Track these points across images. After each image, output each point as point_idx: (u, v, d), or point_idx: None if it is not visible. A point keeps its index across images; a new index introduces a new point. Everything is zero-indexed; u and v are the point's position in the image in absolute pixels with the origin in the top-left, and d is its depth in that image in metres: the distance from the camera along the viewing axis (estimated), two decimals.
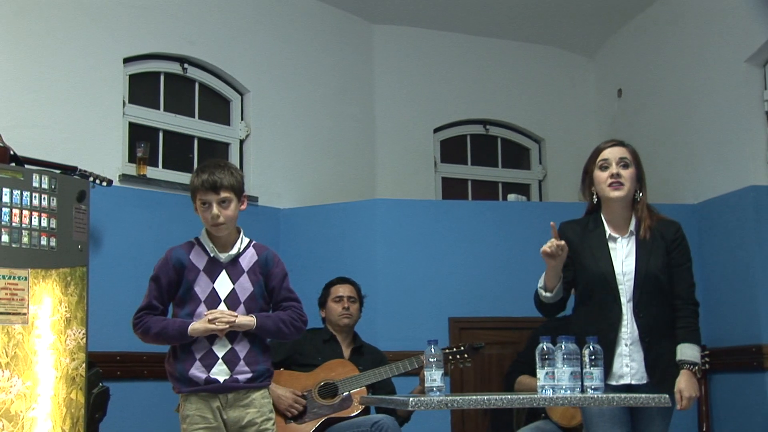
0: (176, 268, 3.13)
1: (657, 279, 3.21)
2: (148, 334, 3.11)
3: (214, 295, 3.11)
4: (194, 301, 3.10)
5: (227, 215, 3.09)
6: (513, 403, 2.96)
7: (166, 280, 3.13)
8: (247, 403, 3.10)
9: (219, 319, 3.03)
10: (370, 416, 4.03)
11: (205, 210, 3.10)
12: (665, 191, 5.46)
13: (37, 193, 3.73)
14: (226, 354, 3.08)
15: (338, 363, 4.16)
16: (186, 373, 3.06)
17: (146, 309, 3.12)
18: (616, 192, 3.24)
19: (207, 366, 3.06)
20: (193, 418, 3.06)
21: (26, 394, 3.58)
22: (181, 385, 3.09)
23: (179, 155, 5.21)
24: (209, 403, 3.07)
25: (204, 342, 3.07)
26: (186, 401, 3.09)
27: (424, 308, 5.01)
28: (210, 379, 3.05)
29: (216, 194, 3.08)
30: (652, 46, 5.84)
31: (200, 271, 3.13)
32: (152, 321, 3.09)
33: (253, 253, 3.20)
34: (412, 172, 6.11)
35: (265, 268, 3.18)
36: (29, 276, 3.65)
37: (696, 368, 3.18)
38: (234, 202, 3.12)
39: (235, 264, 3.16)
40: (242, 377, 3.09)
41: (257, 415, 3.10)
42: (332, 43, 5.92)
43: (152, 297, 3.13)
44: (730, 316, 4.91)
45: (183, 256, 3.15)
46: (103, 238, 4.51)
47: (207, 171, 3.10)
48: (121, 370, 4.43)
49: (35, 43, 4.48)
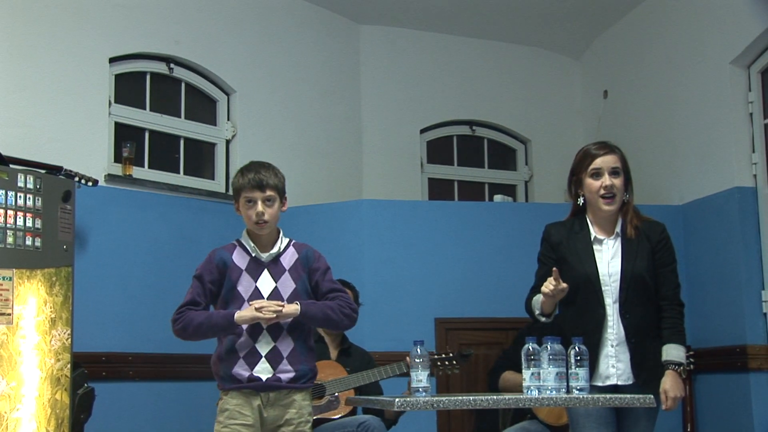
0: (219, 268, 3.15)
1: (643, 280, 3.23)
2: (189, 326, 3.08)
3: (257, 294, 3.13)
4: (238, 301, 3.12)
5: (271, 213, 3.14)
6: (499, 404, 2.97)
7: (209, 278, 3.15)
8: (287, 403, 3.11)
9: (266, 308, 3.04)
10: (357, 417, 4.03)
11: (250, 208, 3.13)
12: (650, 192, 5.49)
13: (22, 193, 3.72)
14: (269, 352, 3.09)
15: (326, 364, 4.15)
16: (230, 371, 3.08)
17: (189, 305, 3.13)
18: (608, 206, 3.27)
19: (250, 364, 3.08)
20: (231, 412, 3.07)
21: (11, 395, 3.57)
22: (224, 382, 3.11)
23: (165, 155, 5.19)
24: (250, 401, 3.08)
25: (248, 340, 3.09)
26: (227, 395, 3.11)
27: (411, 309, 5.01)
28: (253, 377, 3.07)
29: (262, 192, 3.13)
30: (638, 48, 5.87)
31: (243, 271, 3.15)
32: (195, 314, 3.10)
33: (293, 251, 3.22)
34: (399, 173, 6.12)
35: (307, 264, 3.21)
36: (14, 276, 3.63)
37: (681, 369, 3.20)
38: (277, 202, 3.17)
39: (276, 263, 3.18)
40: (285, 376, 3.09)
41: (296, 415, 3.11)
42: (319, 44, 5.92)
43: (195, 294, 3.14)
44: (714, 316, 4.94)
45: (226, 256, 3.17)
46: (89, 239, 4.50)
47: (253, 170, 3.16)
48: (106, 371, 4.42)
49: (20, 42, 4.46)
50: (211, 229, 4.91)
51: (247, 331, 3.09)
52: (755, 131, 4.90)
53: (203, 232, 4.90)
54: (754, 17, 4.73)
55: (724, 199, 4.92)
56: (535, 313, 3.26)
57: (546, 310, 3.22)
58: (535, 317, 3.27)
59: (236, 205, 3.21)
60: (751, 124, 4.92)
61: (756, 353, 4.67)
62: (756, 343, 4.69)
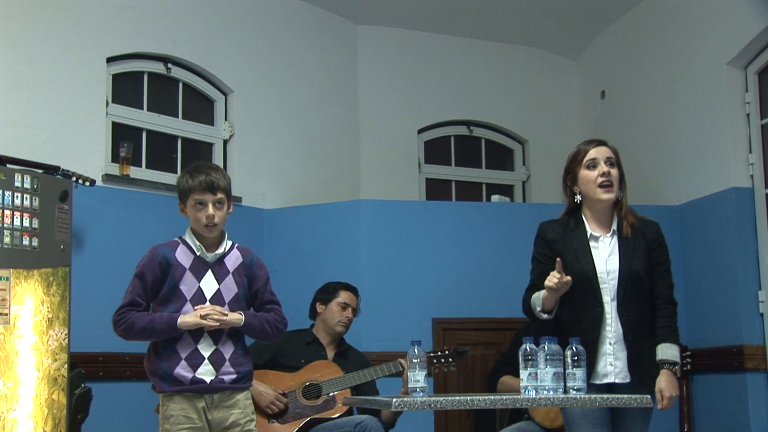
0: (162, 266, 3.12)
1: (640, 278, 3.23)
2: (132, 330, 3.08)
3: (200, 295, 3.11)
4: (179, 300, 3.10)
5: (221, 216, 3.13)
6: (496, 404, 2.97)
7: (151, 277, 3.12)
8: (231, 404, 3.11)
9: (210, 316, 3.04)
10: (354, 417, 4.03)
11: (200, 210, 3.11)
12: (647, 193, 5.49)
13: (19, 193, 3.71)
14: (212, 354, 3.08)
15: (323, 364, 4.16)
16: (171, 371, 3.05)
17: (129, 305, 3.10)
18: (607, 194, 3.27)
19: (193, 365, 3.06)
20: (177, 418, 3.05)
21: (7, 395, 3.56)
22: (164, 384, 3.07)
23: (163, 155, 5.19)
24: (194, 403, 3.06)
25: (189, 341, 3.07)
26: (169, 401, 3.07)
27: (408, 309, 5.01)
28: (196, 379, 3.05)
29: (213, 194, 3.11)
30: (636, 49, 5.87)
31: (186, 270, 3.13)
32: (136, 316, 3.08)
33: (237, 254, 3.21)
34: (396, 173, 6.12)
35: (250, 270, 3.21)
36: (11, 276, 3.63)
37: (676, 368, 3.20)
38: (226, 204, 3.16)
39: (220, 264, 3.17)
40: (228, 378, 3.09)
41: (241, 415, 3.11)
42: (317, 44, 5.91)
43: (136, 294, 3.11)
44: (711, 317, 4.95)
45: (169, 254, 3.14)
46: (86, 238, 4.49)
47: (203, 172, 3.13)
48: (103, 371, 4.42)
49: (18, 42, 4.45)
50: None
51: (188, 332, 3.07)
52: (752, 132, 4.90)
53: None
54: (751, 18, 4.73)
55: (721, 200, 4.93)
56: (536, 310, 3.24)
57: (548, 306, 3.20)
58: (536, 315, 3.25)
59: (181, 206, 3.18)
60: (748, 125, 4.92)
61: (753, 353, 4.68)
62: (752, 344, 4.70)
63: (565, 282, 3.11)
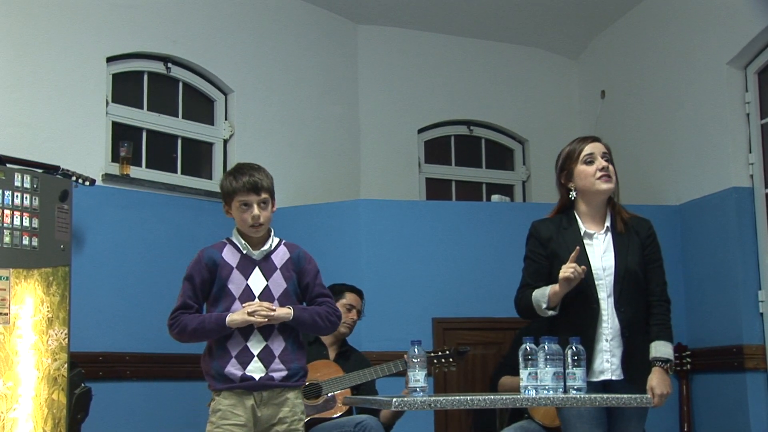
0: (209, 267, 3.13)
1: (636, 274, 3.24)
2: (185, 332, 3.10)
3: (248, 292, 3.12)
4: (228, 299, 3.11)
5: (266, 216, 3.15)
6: (496, 404, 2.97)
7: (200, 279, 3.13)
8: (281, 402, 3.11)
9: (258, 312, 3.04)
10: (354, 417, 4.03)
11: (245, 211, 3.12)
12: (647, 192, 5.49)
13: (19, 193, 3.71)
14: (261, 351, 3.09)
15: (323, 364, 4.16)
16: (222, 370, 3.07)
17: (181, 309, 3.12)
18: (607, 185, 3.27)
19: (243, 363, 3.07)
20: (224, 413, 3.06)
21: (7, 395, 3.56)
22: (216, 382, 3.10)
23: (163, 155, 5.19)
24: (243, 400, 3.07)
25: (239, 339, 3.08)
26: (219, 396, 3.10)
27: (408, 309, 5.01)
28: (245, 377, 3.07)
29: (257, 195, 3.12)
30: (636, 49, 5.87)
31: (233, 269, 3.14)
32: (188, 319, 3.10)
33: (285, 250, 3.22)
34: (396, 173, 6.12)
35: (298, 265, 3.22)
36: (11, 276, 3.63)
37: (669, 365, 3.20)
38: (270, 204, 3.17)
39: (267, 261, 3.18)
40: (277, 375, 3.09)
41: (289, 413, 3.11)
42: (317, 43, 5.92)
43: (186, 296, 3.13)
44: (711, 316, 4.95)
45: (215, 254, 3.16)
46: (86, 238, 4.49)
47: (246, 173, 3.14)
48: (103, 371, 4.42)
49: (18, 42, 4.46)
50: (208, 228, 4.90)
51: (238, 330, 3.08)
52: (752, 131, 4.90)
53: (201, 231, 4.89)
54: (751, 18, 4.73)
55: (721, 200, 4.93)
56: (541, 307, 3.22)
57: (555, 301, 3.17)
58: (539, 312, 3.22)
59: (226, 207, 3.18)
60: (747, 125, 4.92)
61: (752, 353, 4.68)
62: (752, 343, 4.70)
63: (582, 271, 3.10)
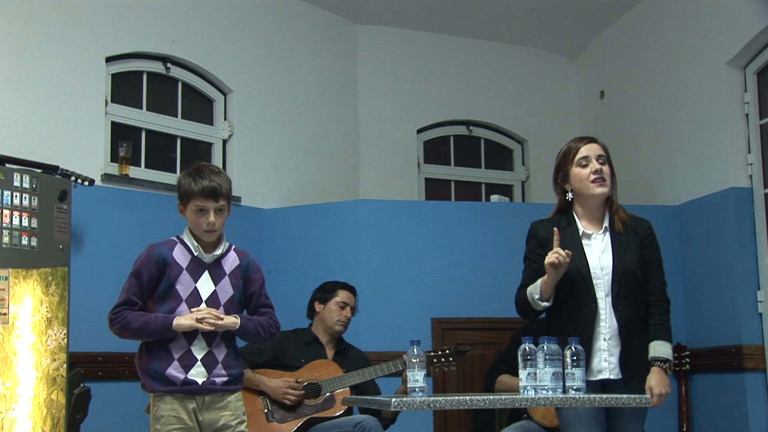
0: (158, 265, 3.10)
1: (634, 274, 3.24)
2: (127, 330, 3.07)
3: (196, 295, 3.10)
4: (175, 300, 3.09)
5: (221, 222, 3.12)
6: (495, 404, 2.97)
7: (148, 276, 3.10)
8: (222, 406, 3.11)
9: (206, 319, 3.03)
10: (353, 417, 4.03)
11: (200, 216, 3.09)
12: (646, 193, 5.50)
13: (18, 193, 3.71)
14: (204, 356, 3.08)
15: (322, 363, 4.16)
16: (163, 371, 3.05)
17: (125, 305, 3.09)
18: (601, 188, 3.27)
19: (185, 367, 3.05)
20: (168, 418, 3.04)
21: (6, 395, 3.56)
22: (155, 383, 3.06)
23: (162, 155, 5.19)
24: (185, 404, 3.06)
25: (182, 342, 3.06)
26: (160, 401, 3.06)
27: (407, 309, 5.02)
28: (188, 380, 3.05)
29: (215, 201, 3.08)
30: (635, 49, 5.88)
31: (183, 270, 3.11)
32: (132, 316, 3.06)
33: (234, 257, 3.20)
34: (396, 173, 6.12)
35: (246, 273, 3.20)
36: (10, 276, 3.63)
37: (667, 365, 3.20)
38: (226, 209, 3.14)
39: (217, 266, 3.16)
40: (219, 380, 3.10)
41: (232, 417, 3.12)
42: (316, 43, 5.92)
43: (132, 293, 3.10)
44: (710, 317, 4.95)
45: (166, 252, 3.13)
46: (85, 238, 4.49)
47: (206, 177, 3.10)
48: (102, 371, 4.42)
49: (17, 42, 4.45)
50: None
51: (182, 333, 3.06)
52: (751, 132, 4.90)
53: None
54: (750, 18, 4.74)
55: (719, 200, 4.93)
56: (534, 299, 3.22)
57: (546, 292, 3.19)
58: (533, 306, 3.23)
59: (181, 207, 3.15)
60: (746, 125, 4.93)
61: (751, 353, 4.68)
62: (751, 343, 4.70)
63: (566, 255, 3.10)
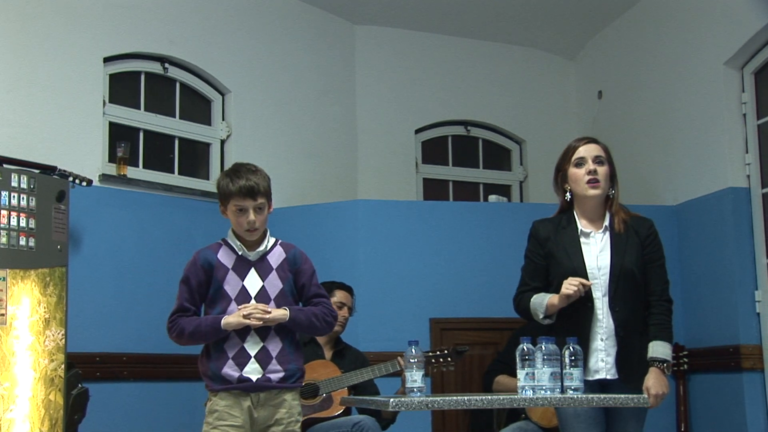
0: (205, 269, 3.13)
1: (632, 274, 3.24)
2: (182, 336, 3.10)
3: (245, 293, 3.11)
4: (225, 300, 3.11)
5: (261, 221, 3.13)
6: (493, 404, 2.97)
7: (196, 281, 3.13)
8: (278, 403, 3.11)
9: (253, 314, 3.04)
10: (351, 417, 4.03)
11: (241, 215, 3.10)
12: (645, 193, 5.50)
13: (15, 193, 3.71)
14: (258, 352, 3.08)
15: (320, 364, 4.16)
16: (219, 371, 3.07)
17: (179, 312, 3.12)
18: (593, 190, 3.28)
19: (240, 364, 3.07)
20: (221, 414, 3.06)
21: (4, 396, 3.56)
22: (213, 383, 3.09)
23: (160, 155, 5.19)
24: (240, 401, 3.07)
25: (236, 340, 3.08)
26: (216, 396, 3.09)
27: (405, 309, 5.01)
28: (243, 378, 3.06)
29: (254, 200, 3.10)
30: (633, 49, 5.88)
31: (229, 270, 3.13)
32: (185, 322, 3.09)
33: (280, 251, 3.21)
34: (394, 173, 6.12)
35: (294, 265, 3.20)
36: (7, 276, 3.62)
37: (666, 366, 3.19)
38: (266, 207, 3.16)
39: (263, 261, 3.17)
40: (274, 376, 3.09)
41: (286, 415, 3.11)
42: (314, 44, 5.92)
43: (183, 299, 3.13)
44: (708, 316, 4.95)
45: (211, 256, 3.15)
46: (83, 239, 4.49)
47: (242, 176, 3.11)
48: (100, 371, 4.42)
49: (14, 42, 4.45)
50: (205, 229, 4.90)
51: (234, 331, 3.08)
52: (749, 132, 4.91)
53: (197, 232, 4.89)
54: (748, 18, 4.74)
55: (717, 200, 4.93)
56: (538, 317, 3.24)
57: (551, 311, 3.20)
58: (537, 319, 3.24)
59: (222, 208, 3.17)
60: (744, 125, 4.93)
61: (749, 353, 4.69)
62: (749, 343, 4.70)
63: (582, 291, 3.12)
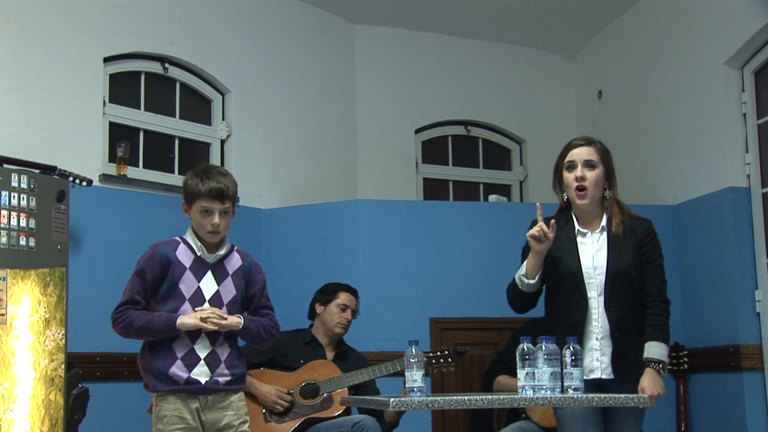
0: (162, 264, 3.11)
1: (628, 274, 3.24)
2: (130, 329, 3.07)
3: (199, 295, 3.11)
4: (178, 299, 3.10)
5: (225, 224, 3.13)
6: (493, 404, 2.97)
7: (151, 275, 3.11)
8: (225, 405, 3.11)
9: (210, 319, 3.04)
10: (351, 417, 4.03)
11: (206, 217, 3.09)
12: (645, 192, 5.50)
13: (16, 193, 3.71)
14: (207, 355, 3.09)
15: (321, 364, 4.16)
16: (166, 370, 3.05)
17: (128, 304, 3.10)
18: (580, 200, 3.29)
19: (189, 366, 3.06)
20: (170, 418, 3.04)
21: (4, 396, 3.56)
22: (158, 383, 3.06)
23: (160, 155, 5.19)
24: (188, 404, 3.06)
25: (186, 341, 3.07)
26: (163, 400, 3.07)
27: (405, 309, 5.02)
28: (191, 380, 3.05)
29: (221, 203, 3.10)
30: (633, 49, 5.88)
31: (186, 269, 3.12)
32: (135, 315, 3.07)
33: (237, 257, 3.22)
34: (394, 173, 6.12)
35: (248, 274, 3.22)
36: (8, 276, 3.62)
37: (661, 366, 3.19)
38: (231, 212, 3.15)
39: (220, 266, 3.17)
40: (222, 380, 3.10)
41: (235, 417, 3.12)
42: (314, 44, 5.91)
43: (135, 292, 3.11)
44: (708, 316, 4.96)
45: (169, 252, 3.14)
46: (83, 239, 4.49)
47: (213, 178, 3.10)
48: (100, 371, 4.41)
49: (14, 42, 4.45)
50: None
51: (185, 332, 3.07)
52: (749, 131, 4.91)
53: None
54: (748, 18, 4.74)
55: (717, 199, 4.93)
56: (521, 275, 3.24)
57: (532, 270, 3.21)
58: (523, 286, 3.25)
59: (185, 206, 3.16)
60: (744, 125, 4.93)
61: (749, 353, 4.69)
62: (749, 343, 4.70)
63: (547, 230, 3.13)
